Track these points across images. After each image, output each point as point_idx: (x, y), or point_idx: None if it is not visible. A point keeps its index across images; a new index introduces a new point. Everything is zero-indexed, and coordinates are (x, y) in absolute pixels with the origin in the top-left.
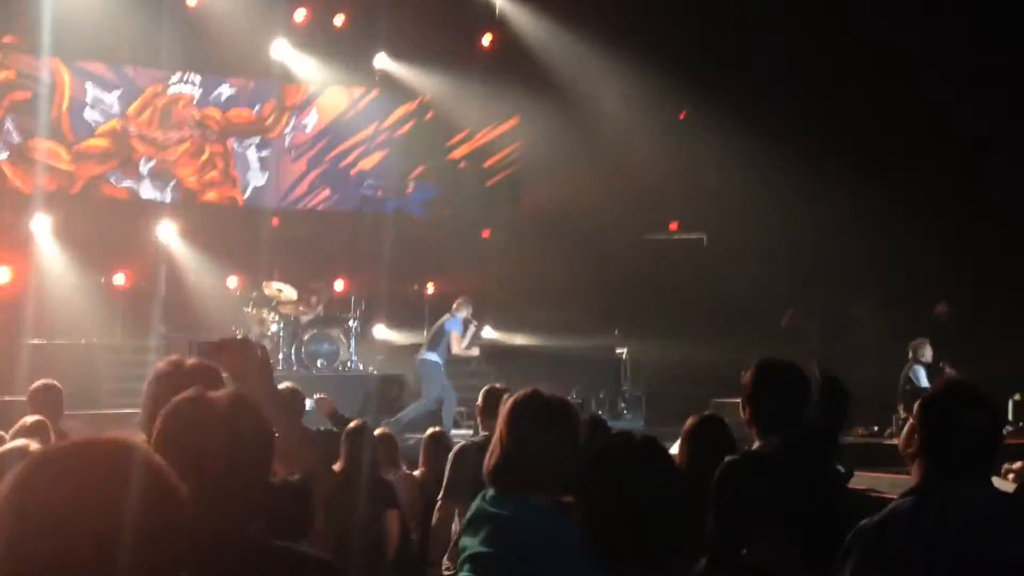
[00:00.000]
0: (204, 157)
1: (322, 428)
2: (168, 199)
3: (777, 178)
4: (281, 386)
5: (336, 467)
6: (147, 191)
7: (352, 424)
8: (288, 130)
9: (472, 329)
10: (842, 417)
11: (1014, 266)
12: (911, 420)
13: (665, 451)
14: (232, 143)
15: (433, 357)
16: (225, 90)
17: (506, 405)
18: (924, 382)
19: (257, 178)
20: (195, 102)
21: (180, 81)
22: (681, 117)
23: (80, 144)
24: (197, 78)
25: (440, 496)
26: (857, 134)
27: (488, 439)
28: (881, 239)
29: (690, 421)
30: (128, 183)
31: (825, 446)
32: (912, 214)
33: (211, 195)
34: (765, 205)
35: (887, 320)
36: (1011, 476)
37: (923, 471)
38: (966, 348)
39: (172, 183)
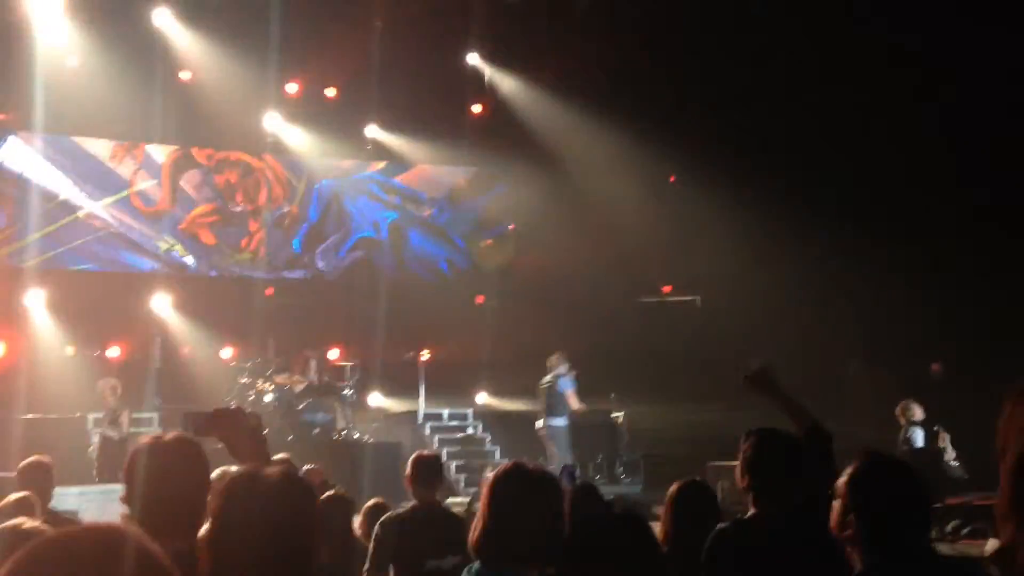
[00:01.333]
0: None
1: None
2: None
3: (768, 239)
4: (275, 457)
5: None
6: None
7: (330, 493)
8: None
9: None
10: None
11: (1007, 325)
12: (840, 500)
13: (646, 524)
14: None
15: (559, 422)
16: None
17: (489, 478)
18: (921, 442)
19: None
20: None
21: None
22: (671, 181)
23: None
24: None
25: (365, 569)
26: (846, 197)
27: (414, 510)
28: (875, 297)
29: (674, 487)
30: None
31: (821, 512)
32: (904, 274)
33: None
34: (757, 265)
35: (880, 378)
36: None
37: (862, 554)
38: (961, 406)
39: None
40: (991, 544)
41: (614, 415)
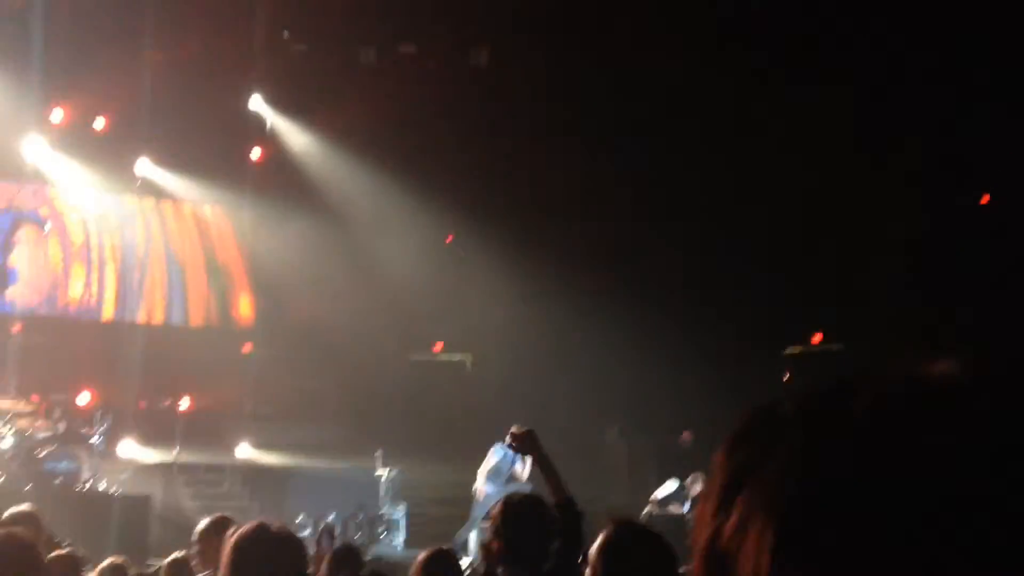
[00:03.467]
0: None
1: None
2: None
3: (539, 301)
4: (15, 509)
5: None
6: None
7: (57, 552)
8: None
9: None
10: (578, 554)
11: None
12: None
13: None
14: None
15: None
16: None
17: (229, 541)
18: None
19: None
20: None
21: None
22: (448, 241)
23: None
24: None
25: None
26: (617, 262)
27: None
28: (637, 364)
29: (422, 556)
30: None
31: None
32: (663, 342)
33: None
34: (527, 327)
35: (635, 446)
36: None
37: None
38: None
39: None
40: None
41: (378, 473)
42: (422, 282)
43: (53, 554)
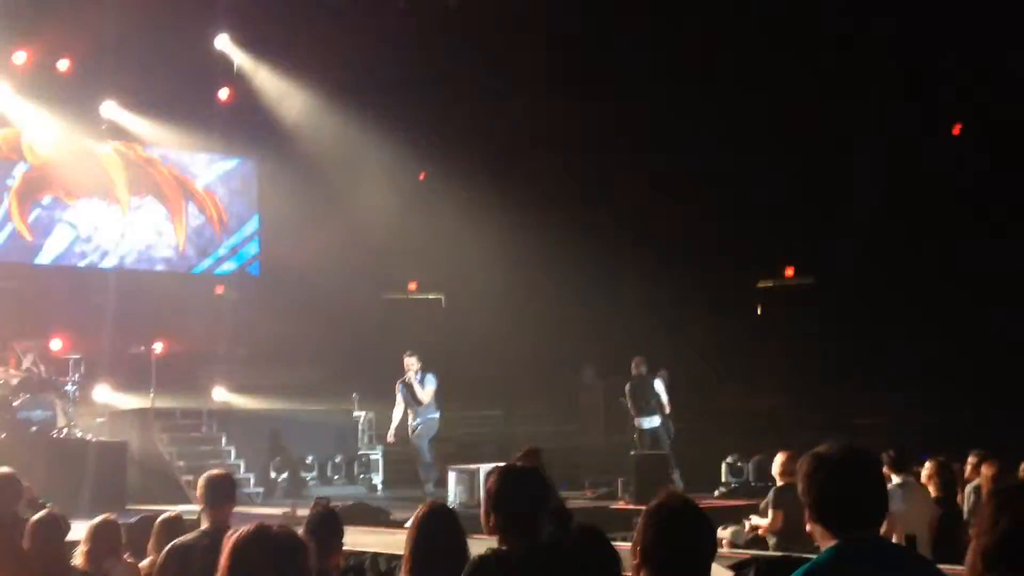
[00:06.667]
0: None
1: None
2: None
3: (515, 241)
4: None
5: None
6: None
7: (39, 515)
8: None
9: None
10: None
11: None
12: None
13: None
14: None
15: (658, 421)
16: None
17: (228, 543)
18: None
19: None
20: None
21: None
22: (421, 178)
23: None
24: None
25: None
26: (593, 202)
27: (205, 535)
28: (611, 301)
29: (421, 510)
30: None
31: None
32: (638, 278)
33: None
34: (502, 266)
35: (612, 386)
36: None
37: None
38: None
39: None
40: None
41: (355, 414)
42: (396, 221)
43: (35, 516)
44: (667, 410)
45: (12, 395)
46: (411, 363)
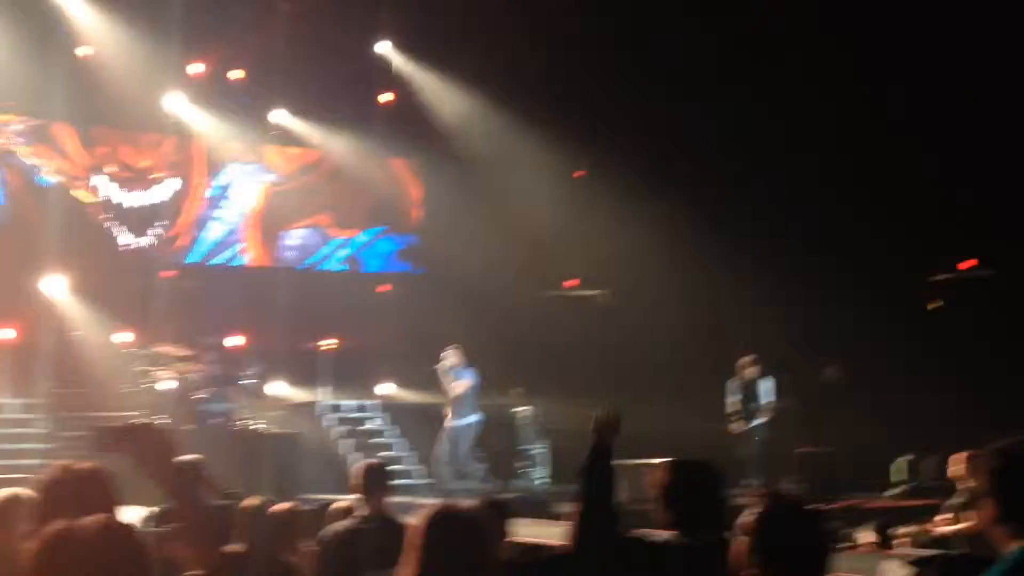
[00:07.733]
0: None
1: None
2: None
3: (677, 236)
4: (186, 457)
5: (237, 548)
6: None
7: (247, 501)
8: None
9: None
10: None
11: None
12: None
13: None
14: None
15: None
16: None
17: (419, 521)
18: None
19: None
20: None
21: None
22: (581, 175)
23: None
24: None
25: None
26: (764, 197)
27: (366, 520)
28: (779, 295)
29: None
30: None
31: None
32: (805, 271)
33: None
34: (664, 260)
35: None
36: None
37: None
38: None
39: None
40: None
41: (520, 408)
42: (556, 220)
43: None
44: (770, 414)
45: (196, 389)
46: (447, 355)
